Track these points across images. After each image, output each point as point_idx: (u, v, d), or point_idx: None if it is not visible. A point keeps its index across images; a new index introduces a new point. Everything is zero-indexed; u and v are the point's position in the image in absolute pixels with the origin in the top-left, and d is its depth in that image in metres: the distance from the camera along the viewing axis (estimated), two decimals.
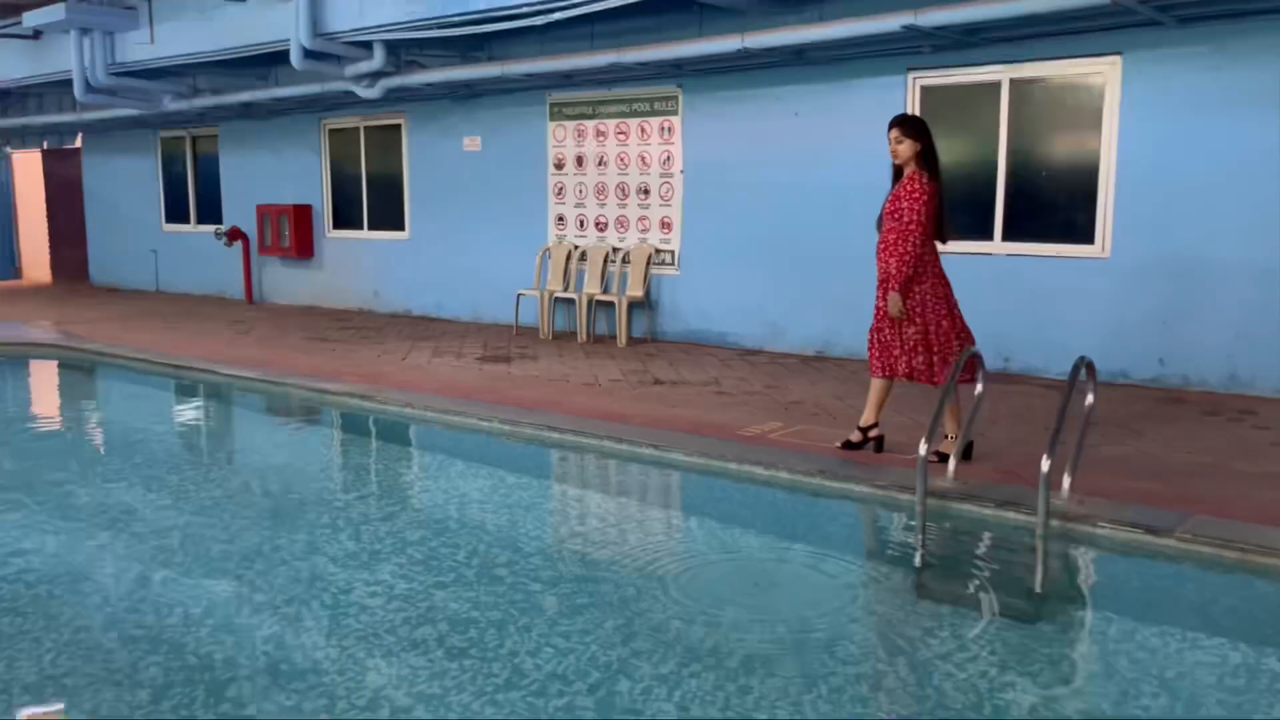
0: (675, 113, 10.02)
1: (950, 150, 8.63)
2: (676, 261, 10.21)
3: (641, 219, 10.43)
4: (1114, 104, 7.66)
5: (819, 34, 8.09)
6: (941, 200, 5.43)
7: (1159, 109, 7.48)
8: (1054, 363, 8.01)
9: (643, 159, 10.33)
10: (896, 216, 5.38)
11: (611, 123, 10.51)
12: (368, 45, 10.43)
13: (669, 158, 10.13)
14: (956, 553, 4.61)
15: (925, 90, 8.54)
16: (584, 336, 10.43)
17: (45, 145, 17.88)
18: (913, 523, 4.64)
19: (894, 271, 5.37)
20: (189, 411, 8.29)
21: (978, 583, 4.23)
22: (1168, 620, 3.79)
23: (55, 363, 9.94)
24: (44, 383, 9.64)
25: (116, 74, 12.75)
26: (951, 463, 5.00)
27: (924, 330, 5.41)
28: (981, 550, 4.61)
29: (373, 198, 13.03)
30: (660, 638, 3.56)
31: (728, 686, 3.19)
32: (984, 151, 8.31)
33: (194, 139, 15.38)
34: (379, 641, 3.50)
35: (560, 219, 11.09)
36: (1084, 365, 4.60)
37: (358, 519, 4.98)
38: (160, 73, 12.91)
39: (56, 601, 3.90)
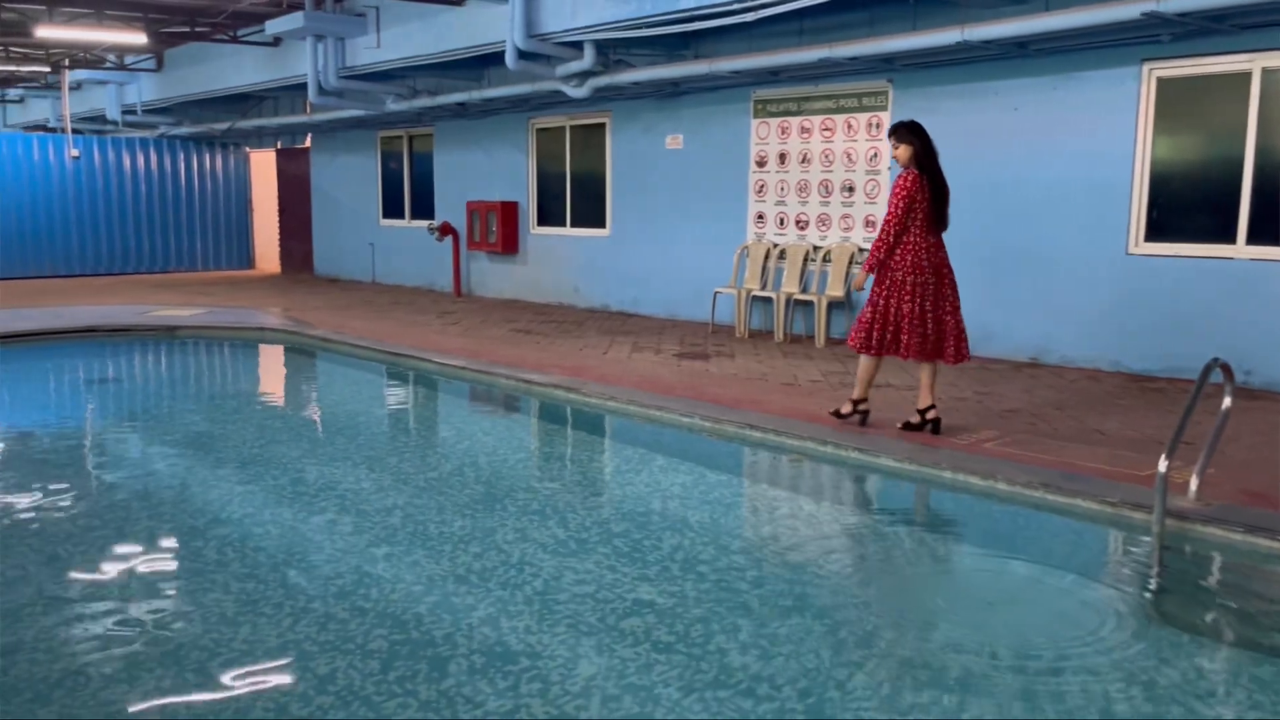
0: (884, 108, 9.74)
1: (1187, 146, 8.05)
2: None
3: (844, 217, 10.20)
4: None
5: (1047, 24, 7.67)
6: (940, 193, 5.93)
7: None
8: None
9: (848, 155, 10.11)
10: None
11: (817, 119, 10.34)
12: (578, 45, 10.66)
13: (876, 154, 9.87)
14: (1197, 578, 4.26)
15: (1162, 83, 7.95)
16: (781, 336, 10.31)
17: (279, 145, 19.26)
18: (1148, 543, 4.32)
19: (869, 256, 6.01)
20: (405, 396, 8.71)
21: (1222, 612, 3.89)
22: None
23: (282, 347, 10.65)
24: (274, 365, 10.35)
25: (345, 77, 13.59)
26: (1193, 482, 4.62)
27: (933, 312, 5.93)
28: (1226, 577, 4.24)
29: (576, 195, 13.33)
30: (871, 648, 3.45)
31: (944, 701, 3.05)
32: (1227, 147, 7.67)
33: (411, 138, 16.18)
34: (589, 630, 3.54)
35: (760, 217, 11.00)
36: None
37: (564, 507, 5.08)
38: (384, 75, 13.65)
39: (293, 571, 4.15)
